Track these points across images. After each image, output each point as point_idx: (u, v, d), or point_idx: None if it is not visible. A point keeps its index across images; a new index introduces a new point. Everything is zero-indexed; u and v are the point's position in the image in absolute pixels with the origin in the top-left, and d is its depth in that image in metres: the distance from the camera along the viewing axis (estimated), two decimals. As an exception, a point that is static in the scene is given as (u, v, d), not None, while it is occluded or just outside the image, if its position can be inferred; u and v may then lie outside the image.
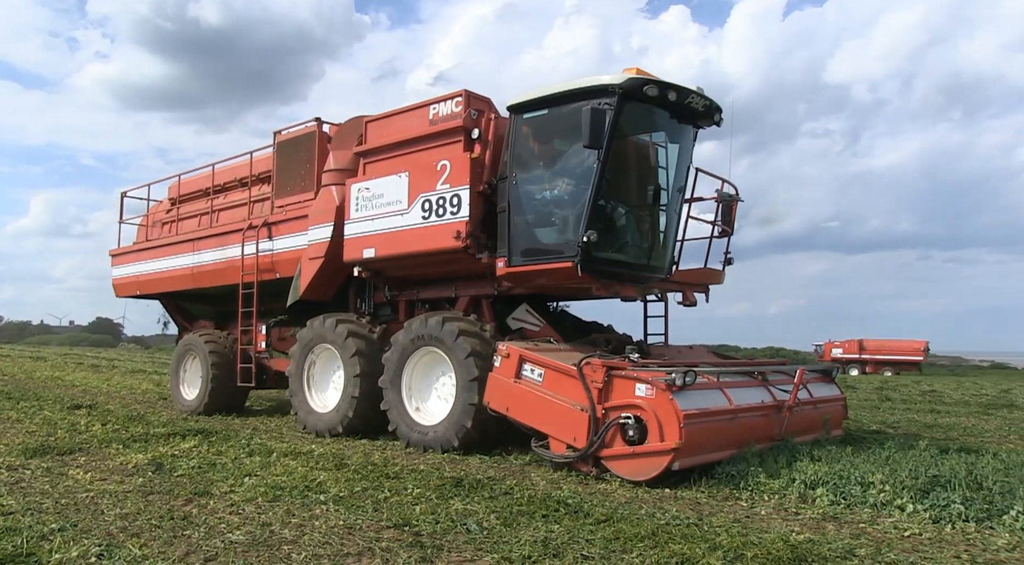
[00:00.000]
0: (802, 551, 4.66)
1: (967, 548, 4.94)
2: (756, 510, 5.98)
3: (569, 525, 5.29)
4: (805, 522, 5.62)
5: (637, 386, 6.94)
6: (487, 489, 6.40)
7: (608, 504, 5.99)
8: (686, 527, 5.28)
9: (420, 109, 9.28)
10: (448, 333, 8.47)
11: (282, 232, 10.95)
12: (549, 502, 5.92)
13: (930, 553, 4.80)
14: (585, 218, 7.66)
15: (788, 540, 4.89)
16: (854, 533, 5.29)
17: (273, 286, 11.17)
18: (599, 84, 7.61)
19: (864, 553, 4.76)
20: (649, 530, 5.10)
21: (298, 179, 10.77)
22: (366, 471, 7.16)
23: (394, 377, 9.04)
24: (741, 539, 4.90)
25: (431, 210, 8.80)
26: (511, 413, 7.73)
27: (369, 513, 5.54)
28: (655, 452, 6.70)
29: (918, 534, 5.26)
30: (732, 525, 5.40)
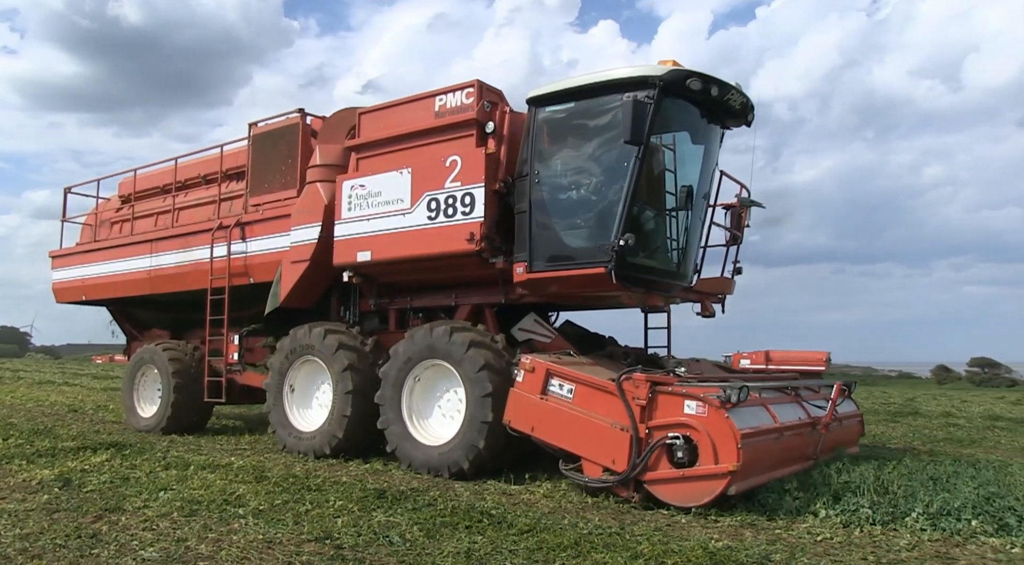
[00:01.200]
0: (720, 557, 4.80)
1: (873, 550, 5.19)
2: (677, 518, 6.08)
3: (492, 536, 5.29)
4: (724, 529, 5.72)
5: (686, 403, 6.33)
6: (410, 501, 6.36)
7: (531, 514, 6.02)
8: (608, 536, 5.36)
9: (423, 100, 8.53)
10: (457, 344, 7.71)
11: (258, 233, 9.99)
12: (473, 513, 5.92)
13: (840, 556, 5.01)
14: (620, 220, 7.04)
15: (707, 547, 5.01)
16: (770, 539, 5.44)
17: (245, 292, 10.19)
18: (638, 75, 7.01)
19: (779, 558, 4.92)
20: (572, 540, 5.17)
21: (278, 175, 9.85)
22: (287, 483, 7.03)
23: (393, 393, 8.22)
24: (662, 547, 5.03)
25: (439, 210, 8.04)
26: (537, 433, 7.03)
27: (290, 526, 5.46)
28: (709, 475, 6.10)
29: (829, 538, 5.46)
30: (653, 533, 5.50)
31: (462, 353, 7.67)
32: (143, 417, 11.22)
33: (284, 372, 9.31)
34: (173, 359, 10.80)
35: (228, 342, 10.27)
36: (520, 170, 7.76)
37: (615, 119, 7.17)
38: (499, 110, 8.12)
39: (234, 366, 10.33)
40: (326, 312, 10.03)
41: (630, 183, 7.01)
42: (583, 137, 7.51)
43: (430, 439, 8.02)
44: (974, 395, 28.61)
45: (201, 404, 10.88)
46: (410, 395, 8.21)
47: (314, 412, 9.28)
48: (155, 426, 10.90)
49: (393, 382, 8.21)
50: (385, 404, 8.24)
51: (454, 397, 8.09)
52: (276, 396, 9.33)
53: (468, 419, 7.59)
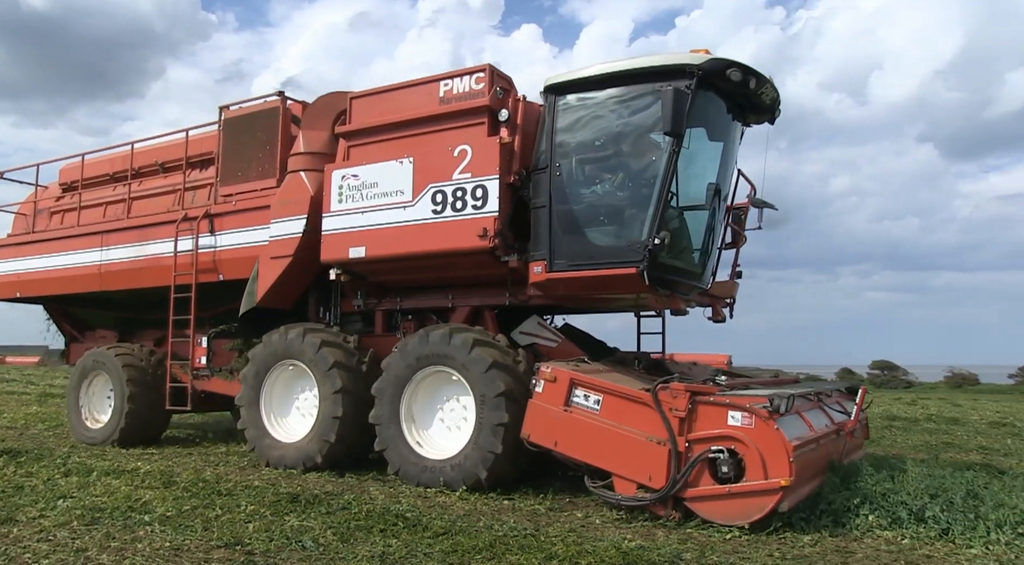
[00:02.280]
0: (633, 557, 4.86)
1: (779, 546, 5.38)
2: (591, 520, 6.16)
3: (407, 539, 5.29)
4: (637, 529, 5.83)
5: (730, 414, 5.91)
6: (324, 504, 6.27)
7: (447, 517, 6.00)
8: (523, 538, 5.39)
9: (426, 85, 7.92)
10: (458, 346, 7.13)
11: (230, 226, 9.14)
12: (388, 516, 5.87)
13: (748, 553, 5.19)
14: (654, 218, 6.57)
15: (620, 547, 5.08)
16: (681, 538, 5.57)
17: (213, 290, 9.33)
18: (675, 63, 6.56)
19: (690, 557, 5.04)
20: (487, 542, 5.18)
21: (254, 163, 9.02)
22: (196, 489, 6.87)
23: (390, 405, 7.54)
24: (576, 548, 5.05)
25: (445, 203, 7.42)
26: (560, 448, 6.49)
27: (199, 533, 5.35)
28: (759, 491, 5.69)
29: (738, 536, 5.62)
30: (568, 534, 5.55)
31: (465, 355, 7.08)
32: (92, 428, 10.12)
33: (260, 380, 8.49)
34: (128, 364, 9.79)
35: (195, 344, 9.36)
36: (537, 162, 7.22)
37: (648, 109, 6.72)
38: (511, 97, 7.57)
39: (201, 371, 9.42)
40: (303, 313, 9.27)
41: (665, 178, 6.55)
42: (610, 128, 7.00)
43: (433, 452, 7.39)
44: (875, 396, 29.54)
45: (159, 413, 9.92)
46: (409, 409, 7.56)
47: (292, 420, 8.51)
48: (107, 437, 9.86)
49: (390, 398, 7.55)
50: (382, 423, 7.56)
51: (458, 406, 7.50)
52: (251, 405, 8.51)
53: (479, 425, 7.00)
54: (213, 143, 9.72)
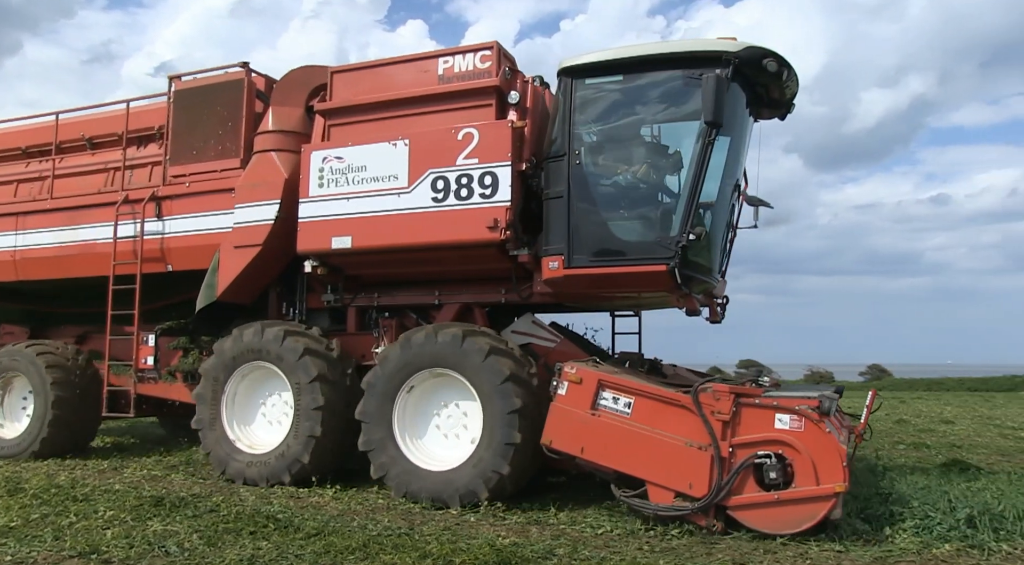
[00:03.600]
0: (507, 554, 4.88)
1: (648, 540, 5.52)
2: (466, 518, 6.16)
3: (278, 541, 5.19)
4: (511, 527, 5.87)
5: (777, 417, 5.64)
6: (191, 507, 6.13)
7: (319, 518, 5.93)
8: (397, 537, 5.37)
9: (421, 61, 7.29)
10: (472, 353, 6.53)
11: (182, 210, 8.17)
12: (258, 518, 5.77)
13: (618, 547, 5.30)
14: (687, 212, 6.22)
15: (494, 544, 5.10)
16: (555, 534, 5.63)
17: (157, 282, 8.32)
18: (710, 50, 6.22)
19: (563, 552, 5.10)
20: (360, 542, 5.14)
21: (212, 141, 8.07)
22: (48, 495, 6.52)
23: (380, 408, 6.87)
24: (450, 546, 5.06)
25: (447, 190, 6.82)
26: (587, 455, 6.04)
27: (48, 543, 5.09)
28: (810, 498, 5.43)
29: (609, 531, 5.73)
30: (442, 533, 5.55)
31: (479, 362, 6.51)
32: (6, 439, 8.79)
33: (223, 381, 7.58)
34: (53, 364, 8.55)
35: (139, 343, 8.29)
36: (551, 149, 6.74)
37: (679, 97, 6.40)
38: (520, 79, 7.06)
39: (147, 372, 8.36)
40: (262, 309, 8.41)
41: (700, 170, 6.22)
42: (636, 115, 6.63)
43: (428, 462, 6.77)
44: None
45: (89, 420, 8.76)
46: (403, 411, 6.91)
47: (258, 429, 7.65)
48: (23, 450, 8.55)
49: (381, 396, 6.87)
50: (371, 422, 6.87)
51: (456, 412, 6.91)
52: (210, 410, 7.59)
53: (487, 440, 6.44)
54: (155, 117, 8.70)
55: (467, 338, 6.63)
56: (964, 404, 21.36)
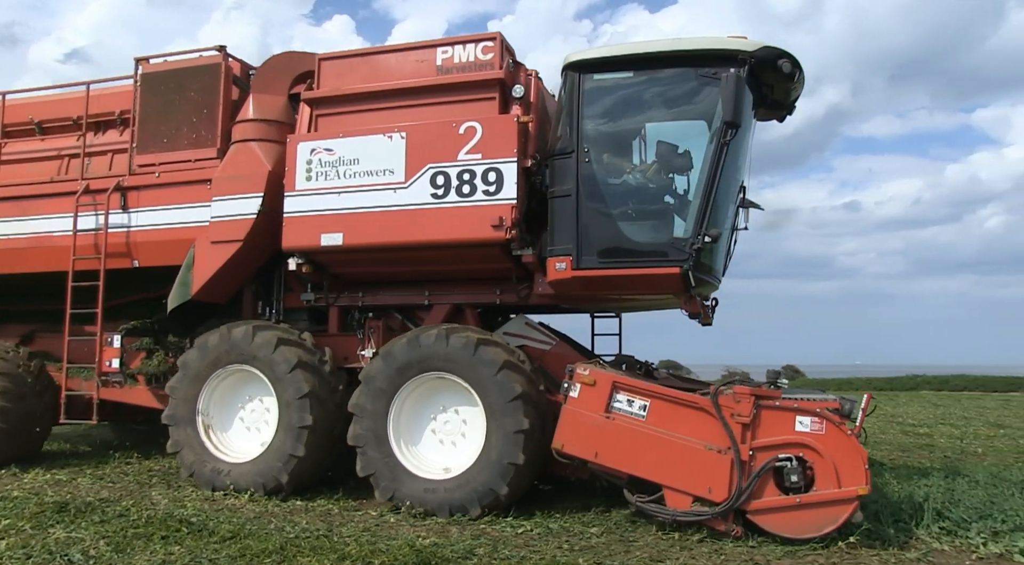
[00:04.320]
0: (427, 555, 4.89)
1: (568, 539, 5.59)
2: (386, 518, 6.13)
3: (191, 545, 5.08)
4: (431, 527, 5.88)
5: (798, 419, 5.59)
6: (98, 512, 5.93)
7: (235, 520, 5.83)
8: (315, 539, 5.32)
9: (418, 50, 7.00)
10: (486, 363, 6.24)
11: (150, 202, 7.65)
12: (170, 522, 5.64)
13: (538, 546, 5.36)
14: (700, 213, 6.11)
15: (414, 545, 5.10)
16: (475, 534, 5.65)
17: (121, 278, 7.76)
18: (725, 48, 6.13)
19: (483, 552, 5.13)
20: (277, 545, 5.07)
21: (185, 129, 7.55)
22: None
23: (376, 416, 6.53)
24: (370, 547, 5.04)
25: (448, 186, 6.54)
26: (601, 459, 5.87)
27: None
28: (832, 501, 5.40)
29: (530, 530, 5.79)
30: (362, 534, 5.52)
31: (490, 376, 6.24)
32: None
33: (200, 384, 7.10)
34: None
35: (103, 344, 7.68)
36: (556, 146, 6.54)
37: (691, 95, 6.31)
38: (523, 72, 6.84)
39: (113, 376, 7.75)
40: (235, 308, 7.94)
41: (715, 171, 6.12)
42: (647, 112, 6.51)
43: (424, 470, 6.48)
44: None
45: (40, 427, 8.07)
46: (398, 418, 6.59)
47: (236, 436, 7.20)
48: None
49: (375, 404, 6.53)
50: (366, 444, 6.52)
51: (453, 418, 6.64)
52: (185, 416, 7.09)
53: (487, 456, 6.20)
54: (117, 101, 8.13)
55: (480, 347, 6.34)
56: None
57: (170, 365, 8.03)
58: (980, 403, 22.04)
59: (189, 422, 7.06)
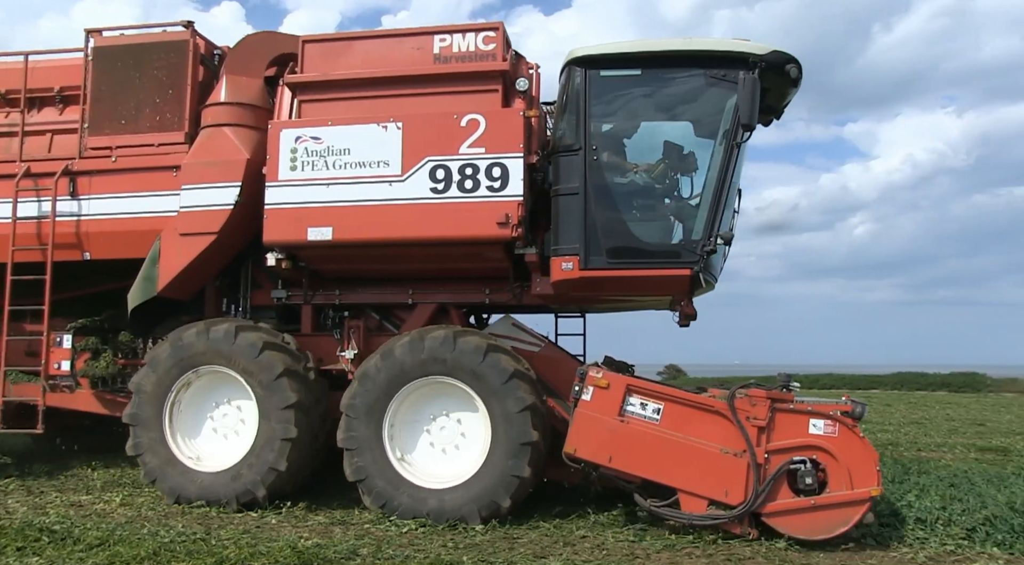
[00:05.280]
0: (309, 556, 4.84)
1: (452, 537, 5.62)
2: (267, 520, 6.06)
3: (53, 555, 4.83)
4: (314, 528, 5.83)
5: (812, 422, 5.65)
6: None
7: (104, 527, 5.60)
8: (192, 543, 5.18)
9: (413, 37, 6.67)
10: (495, 369, 6.04)
11: (105, 188, 6.98)
12: (29, 532, 5.31)
13: (422, 545, 5.39)
14: (711, 215, 6.08)
15: (296, 546, 5.04)
16: (359, 534, 5.63)
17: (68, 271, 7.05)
18: (738, 50, 6.08)
19: (367, 552, 5.10)
20: (150, 550, 4.90)
21: (147, 109, 6.91)
22: None
23: (370, 420, 6.20)
24: (249, 550, 4.95)
25: (449, 181, 6.25)
26: (615, 464, 5.76)
27: None
28: (845, 502, 5.49)
29: (414, 529, 5.79)
30: (241, 537, 5.40)
31: (500, 384, 6.02)
32: None
33: (169, 383, 6.51)
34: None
35: (51, 345, 6.93)
36: (562, 142, 6.37)
37: (701, 95, 6.28)
38: (525, 65, 6.63)
39: (63, 379, 7.00)
40: (196, 304, 7.37)
41: (727, 173, 6.10)
42: (656, 111, 6.43)
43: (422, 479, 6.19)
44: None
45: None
46: (392, 423, 6.27)
47: (207, 442, 6.66)
48: None
49: (370, 407, 6.20)
50: (359, 447, 6.18)
51: (449, 424, 6.38)
52: (150, 421, 6.50)
53: (490, 465, 6.03)
54: (59, 76, 7.41)
55: (490, 353, 6.10)
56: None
57: (119, 367, 7.39)
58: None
59: (155, 424, 6.49)
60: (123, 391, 7.45)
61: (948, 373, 31.85)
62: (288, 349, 6.54)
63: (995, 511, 6.10)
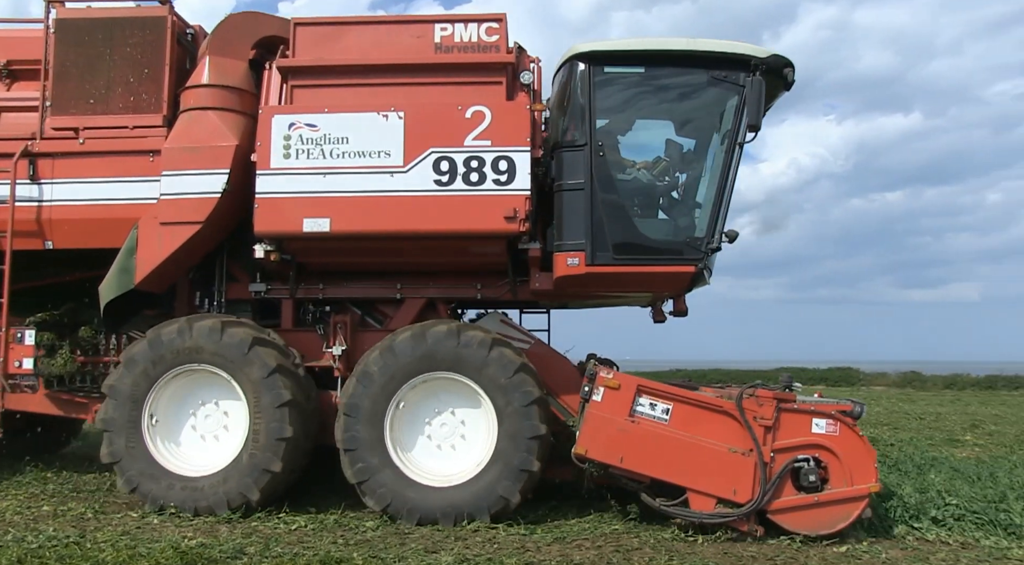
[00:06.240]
0: (192, 556, 4.73)
1: (343, 533, 5.62)
2: (148, 520, 5.84)
3: None
4: (199, 527, 5.68)
5: (814, 421, 5.79)
6: None
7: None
8: (64, 548, 4.95)
9: (412, 25, 6.46)
10: (502, 364, 5.96)
11: (71, 173, 6.47)
12: None
13: (311, 542, 5.33)
14: (715, 213, 6.14)
15: (178, 547, 4.91)
16: (246, 533, 5.54)
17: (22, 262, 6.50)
18: (740, 53, 6.14)
19: (254, 550, 5.03)
20: (15, 557, 4.66)
21: (119, 89, 6.42)
22: None
23: (371, 419, 5.99)
24: (128, 552, 4.79)
25: (454, 173, 6.08)
26: (626, 464, 5.75)
27: None
28: (846, 499, 5.67)
29: (303, 526, 5.75)
30: (120, 538, 5.23)
31: (507, 378, 5.94)
32: None
33: (148, 384, 6.09)
34: None
35: (9, 341, 6.35)
36: (567, 137, 6.29)
37: (703, 95, 6.34)
38: (527, 58, 6.51)
39: (23, 380, 6.43)
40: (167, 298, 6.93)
41: (730, 172, 6.17)
42: (659, 109, 6.42)
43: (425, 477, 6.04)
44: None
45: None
46: (391, 423, 6.08)
47: (188, 447, 6.27)
48: None
49: (372, 406, 5.99)
50: (360, 447, 5.96)
51: (452, 420, 6.24)
52: (127, 424, 6.06)
53: (497, 461, 5.97)
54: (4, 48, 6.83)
55: (495, 347, 6.02)
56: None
57: (78, 365, 6.88)
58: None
59: (132, 429, 6.06)
60: (81, 391, 6.98)
61: (826, 368, 33.12)
62: (278, 345, 6.24)
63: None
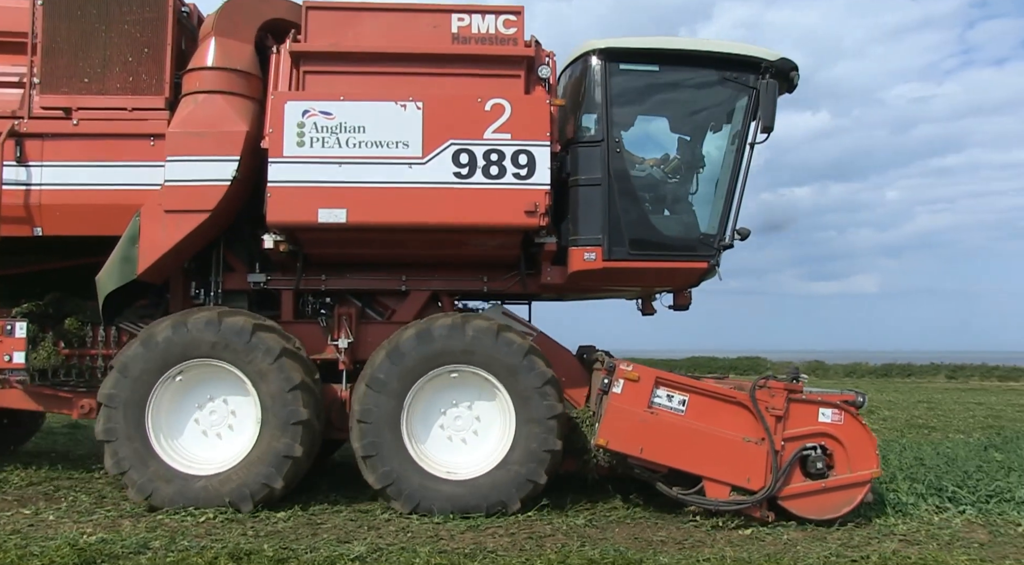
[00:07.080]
0: (92, 553, 4.54)
1: (253, 525, 5.48)
2: (43, 516, 5.63)
3: None
4: (99, 522, 5.48)
5: (821, 411, 6.08)
6: None
7: None
8: None
9: (429, 13, 6.34)
10: (511, 350, 6.00)
11: (63, 155, 6.11)
12: None
13: (219, 534, 5.18)
14: (726, 211, 6.34)
15: (76, 544, 4.69)
16: (150, 526, 5.31)
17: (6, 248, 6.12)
18: (751, 55, 6.33)
19: (159, 544, 4.84)
20: None
21: (116, 68, 6.08)
22: None
23: (390, 413, 5.93)
24: (18, 552, 4.56)
25: (473, 166, 6.05)
26: (646, 454, 5.89)
27: None
28: (849, 485, 5.97)
29: (212, 518, 5.58)
30: (10, 537, 4.97)
31: (518, 361, 5.98)
32: None
33: (147, 388, 5.83)
34: None
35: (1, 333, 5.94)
36: (586, 133, 6.37)
37: (716, 96, 6.53)
38: (543, 51, 6.52)
39: (18, 372, 6.02)
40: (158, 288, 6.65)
41: (742, 171, 6.37)
42: (674, 107, 6.55)
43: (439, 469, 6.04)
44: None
45: None
46: (408, 415, 6.04)
47: (193, 445, 6.04)
48: None
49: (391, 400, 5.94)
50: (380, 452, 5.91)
51: (467, 413, 6.24)
52: (129, 421, 5.79)
53: (519, 445, 5.99)
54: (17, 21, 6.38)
55: (501, 333, 6.06)
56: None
57: (63, 358, 6.54)
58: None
59: (137, 436, 5.79)
60: (65, 384, 6.63)
61: (735, 357, 34.44)
62: (277, 329, 6.12)
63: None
